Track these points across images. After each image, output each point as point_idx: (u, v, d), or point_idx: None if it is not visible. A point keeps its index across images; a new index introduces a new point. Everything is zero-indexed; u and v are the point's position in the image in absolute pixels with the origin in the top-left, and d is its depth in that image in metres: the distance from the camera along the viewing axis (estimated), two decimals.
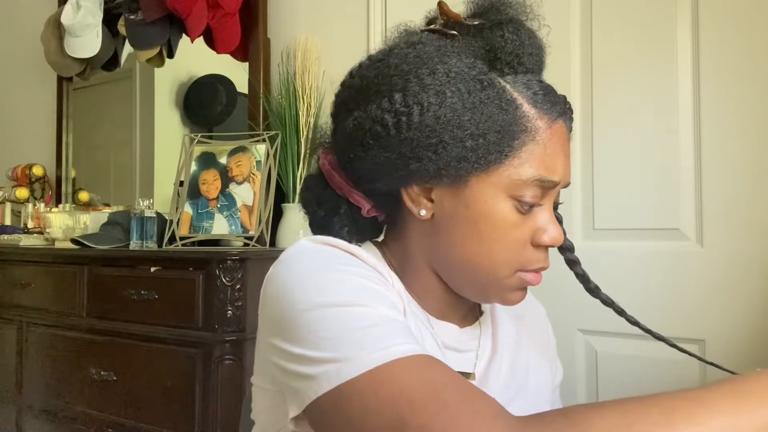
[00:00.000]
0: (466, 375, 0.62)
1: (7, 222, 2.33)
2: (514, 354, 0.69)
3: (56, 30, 2.15)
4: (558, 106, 0.56)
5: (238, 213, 1.70)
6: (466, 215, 0.56)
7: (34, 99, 2.54)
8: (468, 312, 0.68)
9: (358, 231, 0.65)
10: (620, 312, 0.63)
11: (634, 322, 0.63)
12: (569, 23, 1.45)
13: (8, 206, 2.34)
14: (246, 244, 1.66)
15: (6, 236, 2.13)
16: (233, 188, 1.73)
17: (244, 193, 1.71)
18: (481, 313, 0.71)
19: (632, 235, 1.35)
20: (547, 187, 0.56)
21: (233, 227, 1.69)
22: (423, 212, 0.59)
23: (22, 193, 2.30)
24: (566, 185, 0.59)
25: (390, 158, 0.55)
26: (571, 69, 1.44)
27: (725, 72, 1.27)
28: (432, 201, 0.58)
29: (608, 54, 1.40)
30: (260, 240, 1.64)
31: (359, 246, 0.62)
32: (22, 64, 2.56)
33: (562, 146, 0.56)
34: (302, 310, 0.48)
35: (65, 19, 2.04)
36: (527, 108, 0.55)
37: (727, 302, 1.24)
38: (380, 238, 0.69)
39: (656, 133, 1.34)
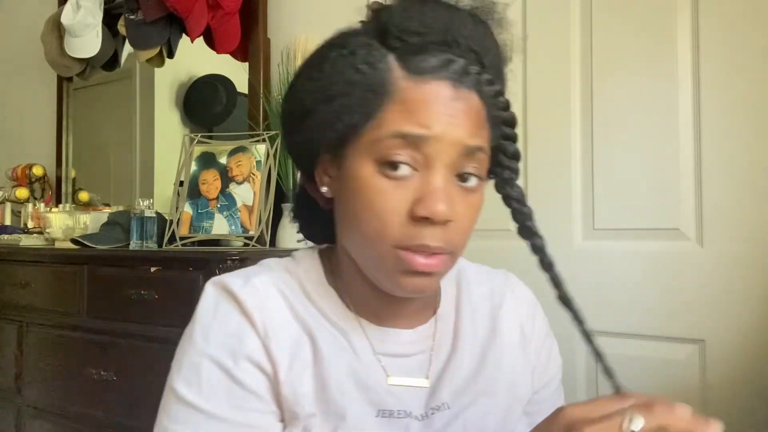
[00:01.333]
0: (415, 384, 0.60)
1: (7, 222, 2.33)
2: (486, 348, 0.65)
3: (56, 30, 2.15)
4: (431, 64, 0.52)
5: (238, 213, 1.70)
6: (346, 187, 0.55)
7: (34, 99, 2.54)
8: (419, 310, 0.63)
9: (330, 229, 0.63)
10: (587, 335, 0.53)
11: (589, 340, 0.53)
12: (569, 23, 1.45)
13: (8, 206, 2.34)
14: (246, 244, 1.66)
15: (6, 236, 2.13)
16: (233, 188, 1.73)
17: (244, 193, 1.71)
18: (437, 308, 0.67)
19: (632, 235, 1.35)
20: (411, 141, 0.51)
21: (233, 227, 1.69)
22: (324, 189, 0.59)
23: (22, 193, 2.30)
24: (465, 149, 0.53)
25: (290, 141, 0.62)
26: (571, 69, 1.44)
27: (725, 72, 1.27)
28: (330, 177, 0.59)
29: (608, 54, 1.40)
30: (260, 240, 1.64)
31: (317, 248, 0.66)
32: (22, 64, 2.56)
33: (436, 103, 0.52)
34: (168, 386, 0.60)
35: (65, 19, 2.04)
36: (393, 70, 0.53)
37: (727, 302, 1.24)
38: None
39: (656, 133, 1.34)
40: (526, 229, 0.56)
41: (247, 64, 1.90)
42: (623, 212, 1.37)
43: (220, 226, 1.70)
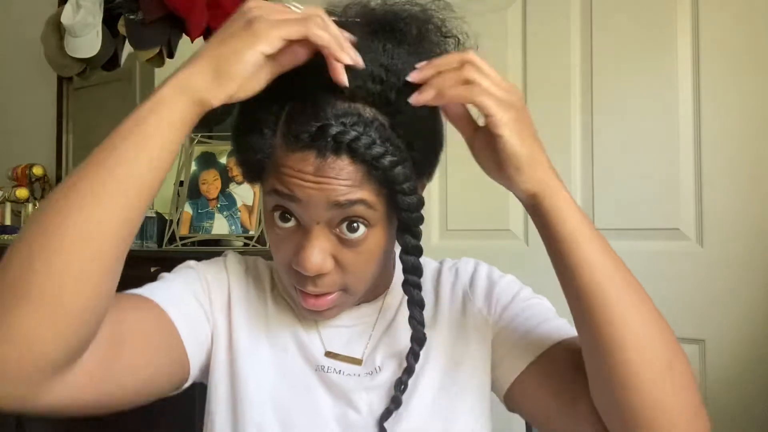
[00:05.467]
0: (343, 357, 0.66)
1: (7, 222, 2.32)
2: (431, 321, 0.68)
3: (56, 30, 2.15)
4: (302, 136, 0.53)
5: (238, 213, 1.70)
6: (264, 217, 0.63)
7: (34, 99, 2.54)
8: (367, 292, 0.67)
9: None
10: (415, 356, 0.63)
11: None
12: (569, 23, 1.45)
13: (8, 206, 2.34)
14: (246, 244, 1.66)
15: (6, 236, 2.13)
16: (233, 188, 1.73)
17: (244, 193, 1.71)
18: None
19: (632, 235, 1.35)
20: (286, 197, 0.56)
21: (233, 227, 1.69)
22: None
23: (22, 193, 2.30)
24: (337, 205, 0.55)
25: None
26: (571, 68, 1.44)
27: (725, 72, 1.27)
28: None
29: (608, 53, 1.40)
30: (260, 240, 1.64)
31: None
32: (22, 64, 2.56)
33: (299, 173, 0.54)
34: None
35: (65, 19, 2.03)
36: (278, 132, 0.56)
37: (727, 302, 1.24)
38: None
39: (656, 133, 1.34)
40: (407, 282, 0.61)
41: None
42: (623, 212, 1.37)
43: (220, 226, 1.70)
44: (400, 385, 0.63)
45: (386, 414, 0.62)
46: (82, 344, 0.49)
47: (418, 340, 0.63)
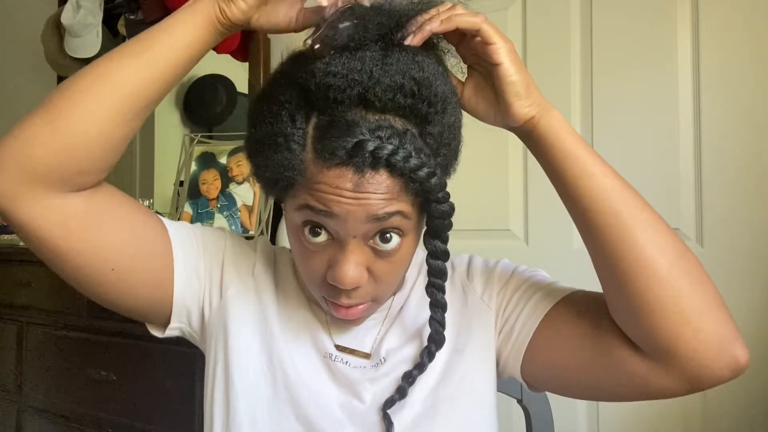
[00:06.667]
0: (352, 351, 0.68)
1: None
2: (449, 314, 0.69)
3: (56, 30, 2.15)
4: (337, 152, 0.52)
5: (238, 213, 1.70)
6: (288, 230, 0.62)
7: (33, 99, 2.53)
8: None
9: None
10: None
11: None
12: (569, 23, 1.45)
13: None
14: None
15: (6, 236, 2.13)
16: (233, 188, 1.73)
17: (244, 193, 1.71)
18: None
19: None
20: (321, 213, 0.54)
21: (233, 227, 1.69)
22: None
23: None
24: (374, 218, 0.54)
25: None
26: (571, 69, 1.44)
27: (725, 72, 1.27)
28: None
29: (608, 54, 1.40)
30: None
31: None
32: (22, 64, 2.56)
33: (336, 189, 0.53)
34: None
35: (65, 19, 2.03)
36: (307, 147, 0.54)
37: (727, 302, 1.24)
38: None
39: (656, 134, 1.34)
40: (432, 286, 0.63)
41: (247, 64, 1.90)
42: None
43: (220, 226, 1.70)
44: (409, 378, 0.64)
45: (389, 402, 0.63)
46: (69, 172, 0.54)
47: (437, 342, 0.64)
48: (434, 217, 0.57)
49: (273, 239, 1.69)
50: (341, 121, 0.53)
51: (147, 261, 0.62)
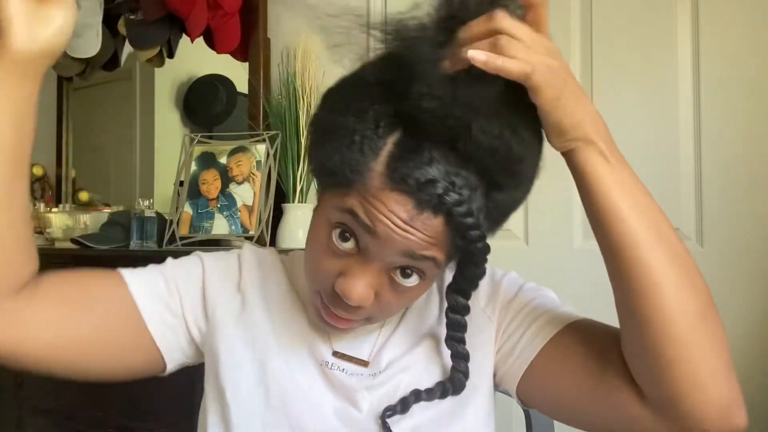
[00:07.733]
0: (349, 358, 0.67)
1: None
2: (431, 330, 0.69)
3: None
4: (408, 180, 0.50)
5: (238, 213, 1.70)
6: (313, 218, 0.61)
7: None
8: None
9: None
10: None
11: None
12: (569, 23, 1.45)
13: None
14: None
15: None
16: (233, 188, 1.73)
17: (244, 193, 1.71)
18: None
19: None
20: (363, 227, 0.53)
21: (233, 227, 1.69)
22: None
23: None
24: (411, 255, 0.53)
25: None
26: (571, 69, 1.45)
27: (725, 72, 1.27)
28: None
29: (608, 54, 1.40)
30: (260, 240, 1.64)
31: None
32: None
33: (390, 215, 0.52)
34: None
35: None
36: (379, 159, 0.52)
37: (727, 302, 1.24)
38: None
39: (656, 133, 1.34)
40: (451, 339, 0.63)
41: (247, 64, 1.90)
42: None
43: (220, 226, 1.70)
44: (417, 396, 0.63)
45: (389, 413, 0.62)
46: None
47: (456, 389, 0.63)
48: (465, 278, 0.57)
49: (273, 239, 1.69)
50: (425, 151, 0.50)
51: (117, 332, 0.64)
